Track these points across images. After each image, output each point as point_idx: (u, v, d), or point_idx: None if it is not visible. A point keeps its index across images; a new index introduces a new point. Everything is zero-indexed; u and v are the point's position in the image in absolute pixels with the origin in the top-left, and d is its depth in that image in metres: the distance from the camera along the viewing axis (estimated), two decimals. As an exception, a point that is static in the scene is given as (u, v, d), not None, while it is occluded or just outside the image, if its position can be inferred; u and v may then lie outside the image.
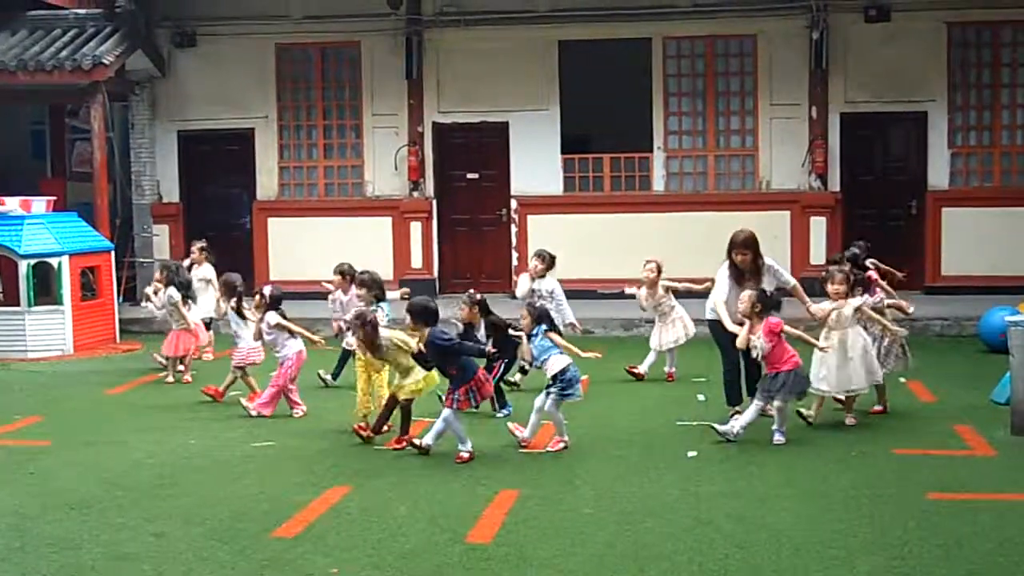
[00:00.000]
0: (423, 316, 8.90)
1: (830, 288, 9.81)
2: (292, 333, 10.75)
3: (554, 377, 9.08)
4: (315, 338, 10.96)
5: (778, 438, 9.23)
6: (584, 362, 9.34)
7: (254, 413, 10.63)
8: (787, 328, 9.34)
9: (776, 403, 9.24)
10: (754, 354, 9.31)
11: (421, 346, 8.88)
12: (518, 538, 6.93)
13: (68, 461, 9.12)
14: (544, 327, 9.22)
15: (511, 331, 9.86)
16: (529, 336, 9.28)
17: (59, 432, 10.22)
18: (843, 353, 9.63)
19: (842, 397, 9.90)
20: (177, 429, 10.28)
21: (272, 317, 10.76)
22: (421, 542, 6.90)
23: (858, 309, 9.78)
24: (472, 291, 10.93)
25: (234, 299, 11.30)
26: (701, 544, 6.76)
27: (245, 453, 9.33)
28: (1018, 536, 6.82)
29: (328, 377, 12.04)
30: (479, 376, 8.92)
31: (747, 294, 9.43)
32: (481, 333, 10.34)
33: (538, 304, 9.85)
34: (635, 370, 12.21)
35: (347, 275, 11.88)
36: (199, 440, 9.82)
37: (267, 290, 10.92)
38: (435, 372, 9.25)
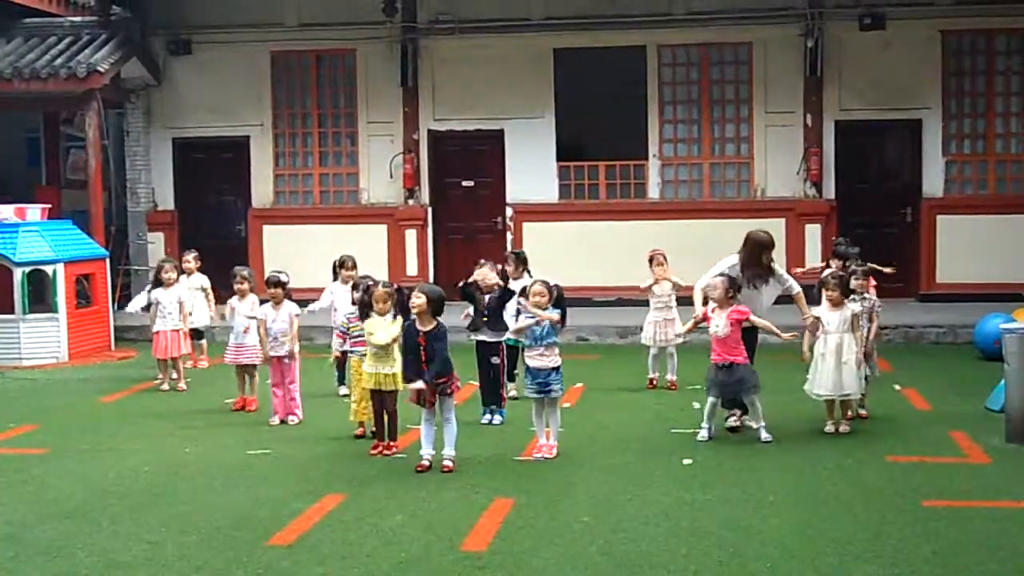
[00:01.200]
0: (440, 304, 8.87)
1: (826, 293, 9.86)
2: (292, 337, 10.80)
3: (541, 370, 9.05)
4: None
5: (765, 436, 9.42)
6: (579, 371, 9.37)
7: (293, 422, 10.63)
8: (754, 318, 9.59)
9: (749, 399, 9.50)
10: (712, 331, 9.51)
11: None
12: (513, 546, 6.92)
13: (63, 469, 9.11)
14: (558, 319, 9.11)
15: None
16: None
17: (54, 440, 10.20)
18: (838, 357, 9.67)
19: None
20: (172, 437, 10.28)
21: (296, 308, 10.75)
22: (416, 550, 6.89)
23: (856, 315, 9.85)
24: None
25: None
26: (696, 552, 6.76)
27: (240, 461, 9.32)
28: (1013, 543, 6.83)
29: (343, 389, 11.84)
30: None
31: (719, 280, 9.63)
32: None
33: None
34: (654, 383, 12.12)
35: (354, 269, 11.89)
36: (194, 448, 9.81)
37: (283, 277, 10.88)
38: (396, 374, 9.16)
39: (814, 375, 9.80)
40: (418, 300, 8.75)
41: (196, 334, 14.11)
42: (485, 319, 10.50)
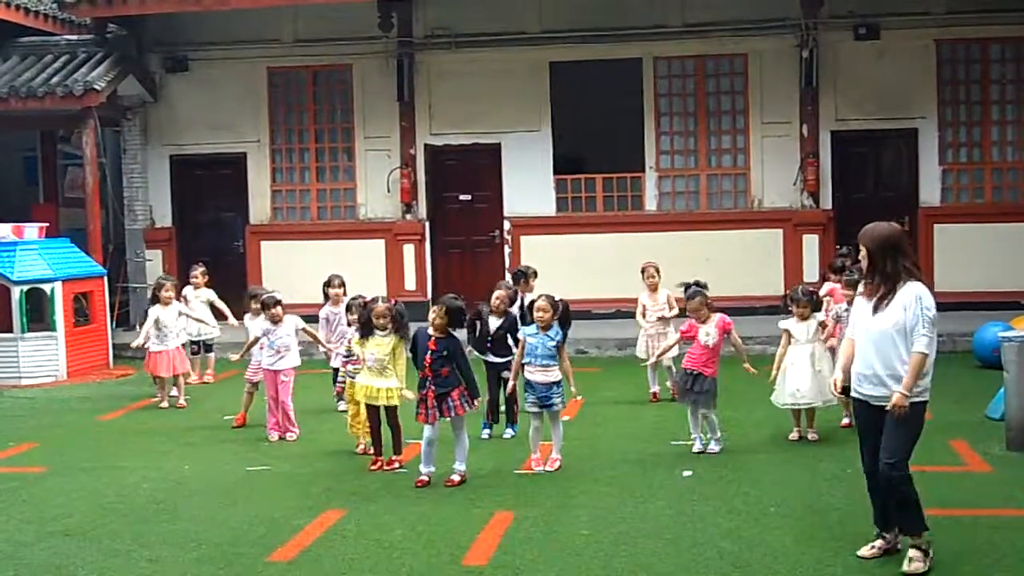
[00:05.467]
0: (459, 316, 9.00)
1: (796, 309, 10.05)
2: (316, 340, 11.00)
3: (541, 384, 9.04)
4: (328, 346, 11.06)
5: (715, 447, 9.63)
6: (578, 384, 9.37)
7: (292, 438, 10.65)
8: (733, 335, 9.81)
9: (704, 411, 9.63)
10: (704, 340, 9.63)
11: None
12: (514, 560, 6.91)
13: (62, 487, 9.09)
14: (561, 336, 9.14)
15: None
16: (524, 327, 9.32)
17: (53, 458, 10.19)
18: (812, 366, 9.87)
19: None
20: (171, 454, 10.26)
21: (299, 321, 10.75)
22: (417, 565, 6.87)
23: (822, 323, 10.12)
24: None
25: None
26: (697, 564, 6.74)
27: (240, 477, 9.31)
28: (1015, 552, 6.82)
29: (342, 405, 11.83)
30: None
31: (698, 301, 9.72)
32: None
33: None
34: (657, 396, 12.09)
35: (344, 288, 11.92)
36: (193, 465, 9.79)
37: (279, 295, 10.92)
38: (396, 388, 9.15)
39: (782, 385, 10.00)
40: (441, 322, 8.82)
41: (206, 347, 14.14)
42: (490, 346, 10.45)
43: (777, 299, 14.66)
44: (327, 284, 12.00)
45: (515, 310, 10.71)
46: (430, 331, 8.85)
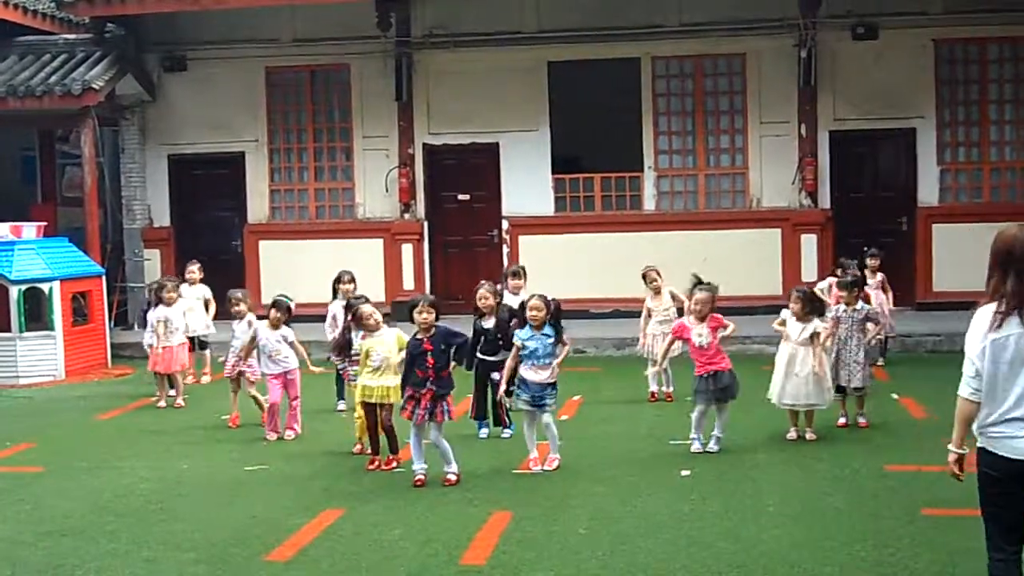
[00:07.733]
0: (439, 308, 8.94)
1: (793, 306, 10.03)
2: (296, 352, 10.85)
3: (536, 384, 9.03)
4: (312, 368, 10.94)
5: (714, 446, 9.59)
6: (577, 383, 9.38)
7: (290, 436, 10.66)
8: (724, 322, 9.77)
9: (722, 406, 9.61)
10: (696, 342, 9.59)
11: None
12: (512, 560, 6.91)
13: (60, 487, 9.09)
14: (556, 333, 9.12)
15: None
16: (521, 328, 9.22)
17: (51, 458, 10.18)
18: (790, 368, 9.90)
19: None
20: (169, 454, 10.26)
21: (290, 335, 10.77)
22: (415, 565, 6.87)
23: (817, 335, 9.96)
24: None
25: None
26: (695, 564, 6.74)
27: (237, 477, 9.31)
28: (1012, 552, 6.81)
29: (341, 404, 11.87)
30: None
31: (705, 295, 9.68)
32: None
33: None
34: (655, 396, 12.09)
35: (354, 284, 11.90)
36: (191, 464, 9.79)
37: (291, 303, 10.91)
38: (397, 386, 9.14)
39: (773, 383, 10.07)
40: (429, 316, 8.76)
41: (200, 345, 14.14)
42: (499, 342, 10.36)
43: (775, 299, 14.72)
44: (337, 280, 11.99)
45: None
46: (418, 335, 8.81)
